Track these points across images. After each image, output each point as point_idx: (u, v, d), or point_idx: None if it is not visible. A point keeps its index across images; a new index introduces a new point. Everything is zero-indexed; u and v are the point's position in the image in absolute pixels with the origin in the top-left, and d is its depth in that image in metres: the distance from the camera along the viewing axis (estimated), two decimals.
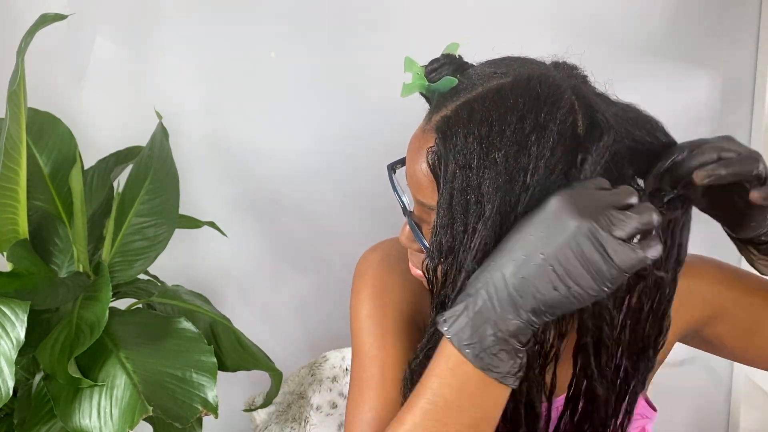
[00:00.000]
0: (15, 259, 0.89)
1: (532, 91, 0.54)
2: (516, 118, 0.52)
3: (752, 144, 1.26)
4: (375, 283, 0.72)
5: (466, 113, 0.54)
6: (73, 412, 0.83)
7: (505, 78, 0.57)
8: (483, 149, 0.52)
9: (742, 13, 1.23)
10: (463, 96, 0.57)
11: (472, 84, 0.58)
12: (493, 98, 0.54)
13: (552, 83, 0.56)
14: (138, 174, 1.02)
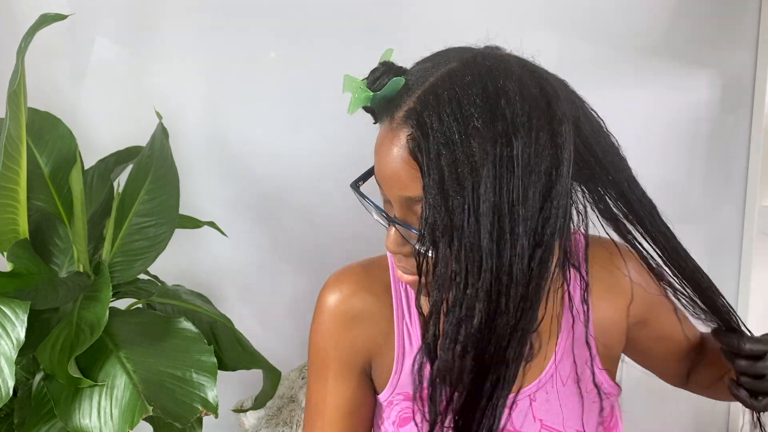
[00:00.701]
0: (15, 259, 0.89)
1: (482, 66, 0.57)
2: (479, 89, 0.54)
3: (752, 144, 1.26)
4: (324, 329, 0.77)
5: (432, 97, 0.56)
6: (73, 412, 0.83)
7: (451, 63, 0.60)
8: (460, 122, 0.53)
9: (742, 13, 1.23)
10: (418, 89, 0.59)
11: (422, 77, 0.60)
12: (451, 79, 0.57)
13: (496, 56, 0.60)
14: (138, 174, 1.02)
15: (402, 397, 0.76)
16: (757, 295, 1.27)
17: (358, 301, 0.76)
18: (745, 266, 1.30)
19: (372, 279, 0.77)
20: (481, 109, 0.53)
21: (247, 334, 1.18)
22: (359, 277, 0.78)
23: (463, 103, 0.54)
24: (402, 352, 0.75)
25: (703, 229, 1.31)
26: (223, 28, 1.21)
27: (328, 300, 0.77)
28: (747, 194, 1.28)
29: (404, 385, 0.75)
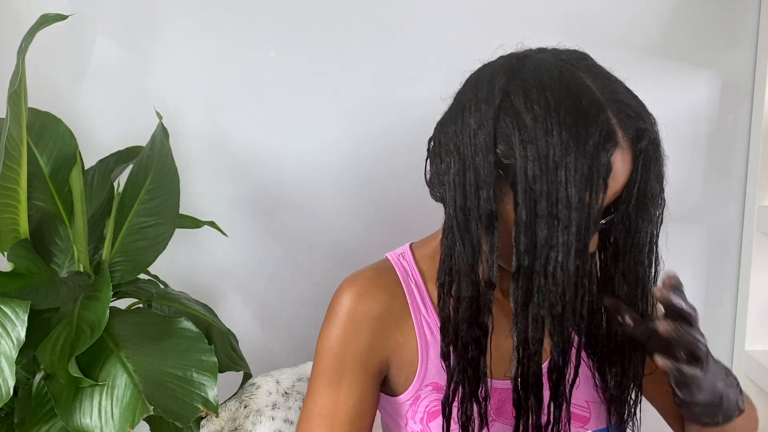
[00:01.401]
0: (15, 259, 0.89)
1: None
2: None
3: (751, 144, 1.26)
4: (344, 324, 0.76)
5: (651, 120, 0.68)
6: (74, 411, 0.83)
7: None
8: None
9: (742, 13, 1.23)
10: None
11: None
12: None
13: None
14: (138, 174, 1.02)
15: (431, 388, 0.77)
16: (757, 295, 1.27)
17: (374, 302, 0.77)
18: (744, 266, 1.30)
19: (384, 279, 0.79)
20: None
21: (246, 333, 1.18)
22: (372, 278, 0.79)
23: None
24: (425, 343, 0.77)
25: (703, 229, 1.31)
26: (223, 28, 1.21)
27: (345, 303, 0.77)
28: (747, 194, 1.28)
29: (432, 375, 0.77)
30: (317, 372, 0.78)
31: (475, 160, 0.64)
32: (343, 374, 0.75)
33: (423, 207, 1.26)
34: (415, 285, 0.79)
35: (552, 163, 0.60)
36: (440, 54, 1.23)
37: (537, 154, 0.61)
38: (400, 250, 0.83)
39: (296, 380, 1.01)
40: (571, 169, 0.60)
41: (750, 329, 1.28)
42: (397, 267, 0.80)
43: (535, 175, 0.61)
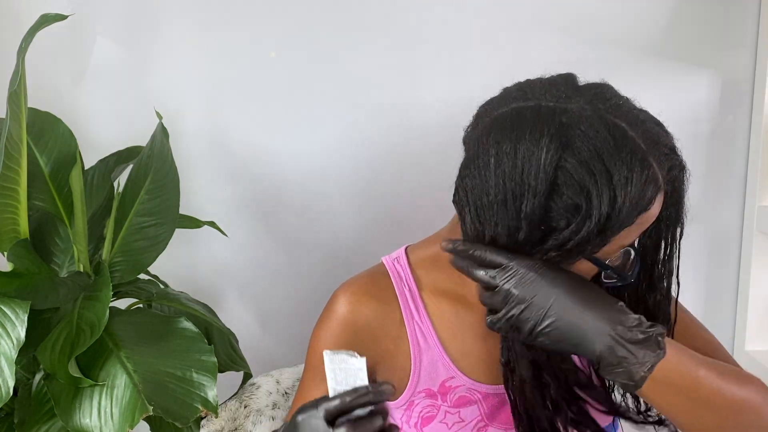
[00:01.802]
0: (15, 259, 0.89)
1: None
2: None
3: (751, 144, 1.26)
4: (333, 339, 0.77)
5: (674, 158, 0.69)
6: (74, 411, 0.83)
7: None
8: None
9: (742, 13, 1.23)
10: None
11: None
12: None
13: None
14: (138, 174, 1.02)
15: (424, 394, 0.77)
16: (757, 295, 1.27)
17: (367, 310, 0.77)
18: (744, 266, 1.30)
19: (378, 286, 0.80)
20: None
21: (246, 333, 1.18)
22: (367, 286, 0.80)
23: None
24: (417, 350, 0.77)
25: (703, 229, 1.31)
26: (223, 28, 1.21)
27: (338, 309, 0.78)
28: (746, 194, 1.28)
29: (425, 381, 0.77)
30: (306, 370, 0.79)
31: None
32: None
33: (423, 207, 1.27)
34: (408, 291, 0.79)
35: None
36: (441, 55, 1.23)
37: (602, 224, 0.61)
38: (396, 254, 0.83)
39: (296, 380, 1.01)
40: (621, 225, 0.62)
41: (750, 329, 1.28)
42: (392, 272, 0.81)
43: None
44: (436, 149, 1.24)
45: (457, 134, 1.31)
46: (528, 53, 1.23)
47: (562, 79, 0.67)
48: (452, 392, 0.77)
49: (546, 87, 0.65)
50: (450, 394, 0.77)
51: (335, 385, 0.62)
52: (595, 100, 0.63)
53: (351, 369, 0.63)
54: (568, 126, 0.61)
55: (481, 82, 1.25)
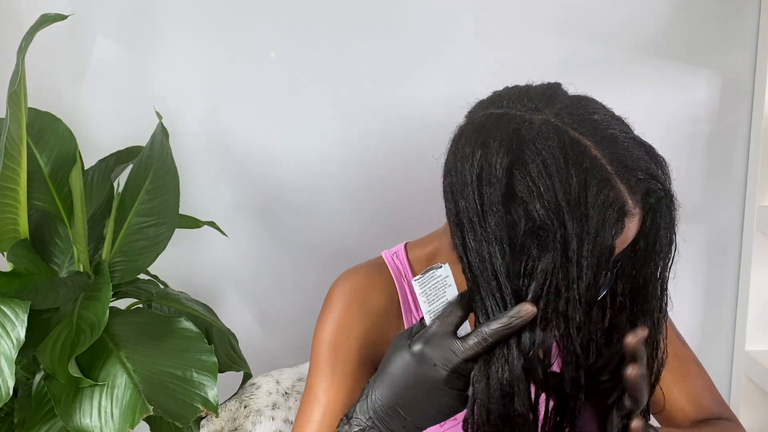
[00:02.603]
0: (15, 259, 0.89)
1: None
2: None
3: (751, 144, 1.26)
4: (339, 320, 0.78)
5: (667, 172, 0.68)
6: (74, 411, 0.83)
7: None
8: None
9: (742, 13, 1.23)
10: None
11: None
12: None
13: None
14: (138, 174, 1.02)
15: None
16: (757, 295, 1.27)
17: (368, 298, 0.78)
18: (744, 266, 1.30)
19: (378, 276, 0.80)
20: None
21: (246, 333, 1.18)
22: (368, 274, 0.80)
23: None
24: None
25: (703, 229, 1.31)
26: (223, 28, 1.21)
27: (339, 298, 0.78)
28: (747, 194, 1.28)
29: None
30: (312, 363, 0.79)
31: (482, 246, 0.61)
32: (336, 366, 0.76)
33: (422, 207, 1.27)
34: (407, 285, 0.80)
35: (567, 258, 0.58)
36: (440, 55, 1.23)
37: (554, 245, 0.58)
38: (395, 249, 0.84)
39: (296, 380, 1.01)
40: (586, 255, 0.58)
41: (750, 329, 1.28)
42: (390, 266, 0.82)
43: (548, 269, 0.58)
44: (436, 148, 1.24)
45: None
46: (528, 53, 1.23)
47: (543, 88, 0.66)
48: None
49: (521, 96, 0.65)
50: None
51: (428, 307, 0.60)
52: (563, 113, 0.62)
53: (438, 281, 0.61)
54: (523, 138, 0.60)
55: (481, 81, 1.25)
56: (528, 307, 0.56)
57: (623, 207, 0.59)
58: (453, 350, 0.58)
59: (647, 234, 0.65)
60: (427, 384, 0.58)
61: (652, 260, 0.66)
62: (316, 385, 0.77)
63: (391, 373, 0.60)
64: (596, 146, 0.60)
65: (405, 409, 0.60)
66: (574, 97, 0.65)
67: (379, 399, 0.61)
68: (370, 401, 0.61)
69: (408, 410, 0.60)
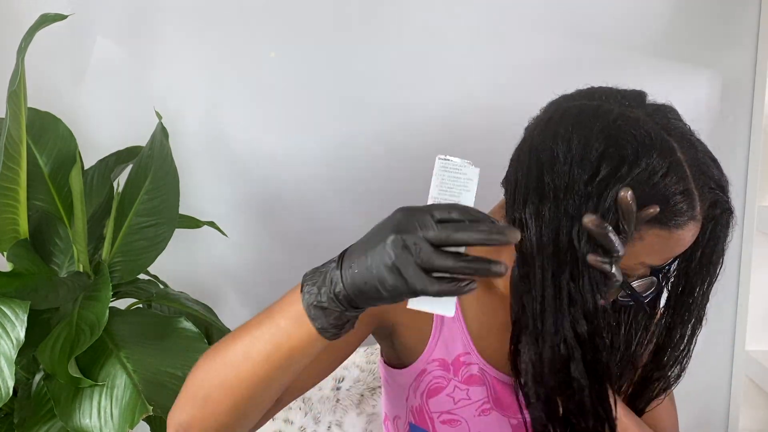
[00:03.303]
0: (15, 259, 0.89)
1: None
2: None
3: (752, 144, 1.26)
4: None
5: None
6: (74, 411, 0.83)
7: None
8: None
9: (742, 13, 1.23)
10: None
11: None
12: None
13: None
14: (138, 174, 1.02)
15: (437, 363, 0.78)
16: (757, 295, 1.27)
17: None
18: (744, 266, 1.30)
19: None
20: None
21: None
22: None
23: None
24: (441, 318, 0.78)
25: None
26: (223, 28, 1.21)
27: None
28: (747, 194, 1.28)
29: (441, 350, 0.78)
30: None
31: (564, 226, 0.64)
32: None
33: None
34: None
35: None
36: (440, 55, 1.23)
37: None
38: None
39: None
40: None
41: (750, 329, 1.28)
42: None
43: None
44: (437, 149, 1.24)
45: (458, 134, 1.31)
46: (528, 53, 1.23)
47: (632, 92, 0.70)
48: (465, 368, 0.78)
49: (613, 94, 0.69)
50: (462, 369, 0.78)
51: (437, 194, 0.56)
52: (656, 114, 0.66)
53: (461, 178, 0.56)
54: (619, 127, 0.64)
55: (481, 81, 1.25)
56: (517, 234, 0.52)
57: (693, 206, 0.64)
58: (425, 225, 0.50)
59: (707, 244, 0.69)
60: (379, 237, 0.52)
61: (705, 271, 0.72)
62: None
63: (372, 230, 0.55)
64: (681, 150, 0.64)
65: (352, 255, 0.55)
66: (661, 104, 0.69)
67: (350, 247, 0.56)
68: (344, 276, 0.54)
69: (354, 256, 0.54)
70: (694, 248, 0.69)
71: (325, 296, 0.53)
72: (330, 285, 0.54)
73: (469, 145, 1.17)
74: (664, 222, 0.63)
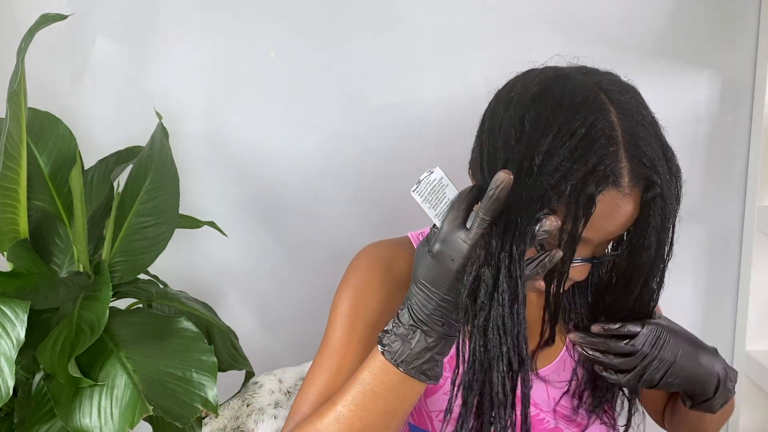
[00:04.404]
0: (15, 259, 0.89)
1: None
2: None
3: (752, 144, 1.26)
4: (362, 280, 0.79)
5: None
6: (74, 411, 0.83)
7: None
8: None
9: (742, 13, 1.23)
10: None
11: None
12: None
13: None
14: (138, 174, 1.02)
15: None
16: (757, 295, 1.27)
17: (393, 265, 0.80)
18: (744, 266, 1.30)
19: (403, 250, 0.82)
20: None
21: (246, 334, 1.17)
22: (394, 248, 0.82)
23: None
24: None
25: (703, 229, 1.31)
26: (224, 28, 1.21)
27: (366, 259, 0.80)
28: (747, 194, 1.28)
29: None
30: (331, 320, 0.79)
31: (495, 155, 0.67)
32: (356, 325, 0.77)
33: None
34: None
35: (532, 163, 0.61)
36: (440, 55, 1.23)
37: (526, 149, 0.62)
38: (421, 231, 0.86)
39: (298, 379, 1.01)
40: (547, 170, 0.61)
41: (750, 329, 1.28)
42: (415, 243, 0.83)
43: (515, 168, 0.62)
44: (436, 148, 1.24)
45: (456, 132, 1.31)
46: (527, 52, 1.23)
47: (602, 69, 0.71)
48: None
49: (581, 66, 0.72)
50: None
51: (434, 211, 0.64)
52: (604, 81, 0.67)
53: (435, 184, 0.63)
54: (557, 81, 0.66)
55: (481, 81, 1.25)
56: (502, 174, 0.60)
57: (614, 175, 0.61)
58: (462, 240, 0.61)
59: (639, 231, 0.66)
60: (448, 278, 0.62)
61: (638, 261, 0.68)
62: (334, 338, 0.77)
63: (420, 279, 0.63)
64: (618, 114, 0.63)
65: (441, 306, 0.63)
66: (624, 81, 0.69)
67: (416, 304, 0.63)
68: (411, 309, 0.64)
69: (444, 306, 0.63)
70: (627, 235, 0.68)
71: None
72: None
73: (468, 142, 1.17)
74: (586, 185, 0.61)
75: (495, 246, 0.60)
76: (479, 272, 0.60)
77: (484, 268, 0.60)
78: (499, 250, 0.60)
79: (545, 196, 0.60)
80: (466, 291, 0.61)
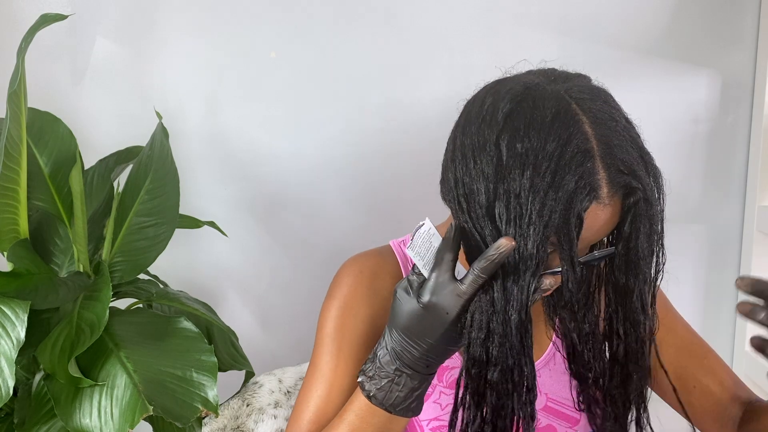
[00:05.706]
0: (15, 259, 0.89)
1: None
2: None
3: (752, 144, 1.26)
4: (345, 297, 0.79)
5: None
6: (74, 411, 0.83)
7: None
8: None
9: (742, 13, 1.23)
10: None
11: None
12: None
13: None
14: (138, 174, 1.02)
15: None
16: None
17: (376, 279, 0.80)
18: (744, 266, 1.30)
19: (385, 261, 0.82)
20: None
21: (246, 333, 1.17)
22: (374, 258, 0.82)
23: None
24: None
25: (703, 229, 1.31)
26: (223, 28, 1.21)
27: (346, 280, 0.80)
28: (747, 194, 1.28)
29: None
30: (318, 342, 0.80)
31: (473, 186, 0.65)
32: (342, 345, 0.77)
33: (423, 207, 1.27)
34: None
35: (518, 204, 0.60)
36: (440, 54, 1.23)
37: (507, 190, 0.60)
38: (403, 238, 0.86)
39: (298, 379, 1.01)
40: (535, 211, 0.59)
41: (750, 329, 1.28)
42: (398, 253, 0.83)
43: (500, 213, 0.61)
44: (436, 148, 1.24)
45: None
46: (527, 52, 1.23)
47: (570, 72, 0.68)
48: (448, 372, 0.79)
49: (548, 72, 0.68)
50: (447, 374, 0.79)
51: (422, 261, 0.64)
52: (573, 89, 0.64)
53: (425, 236, 0.64)
54: (527, 95, 0.63)
55: (480, 81, 1.25)
56: (504, 241, 0.59)
57: (594, 188, 0.60)
58: (457, 294, 0.61)
59: (627, 239, 0.65)
60: (441, 329, 0.62)
61: (633, 269, 0.67)
62: (322, 362, 0.78)
63: (406, 326, 0.64)
64: (591, 124, 0.61)
65: (429, 353, 0.64)
66: (594, 85, 0.67)
67: (401, 351, 0.64)
68: (395, 354, 0.65)
69: (431, 353, 0.64)
70: (617, 243, 0.66)
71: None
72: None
73: None
74: (573, 207, 0.59)
75: (498, 301, 0.61)
76: (488, 326, 0.62)
77: (492, 322, 0.61)
78: (505, 304, 0.61)
79: (541, 244, 0.60)
80: (477, 344, 0.62)
